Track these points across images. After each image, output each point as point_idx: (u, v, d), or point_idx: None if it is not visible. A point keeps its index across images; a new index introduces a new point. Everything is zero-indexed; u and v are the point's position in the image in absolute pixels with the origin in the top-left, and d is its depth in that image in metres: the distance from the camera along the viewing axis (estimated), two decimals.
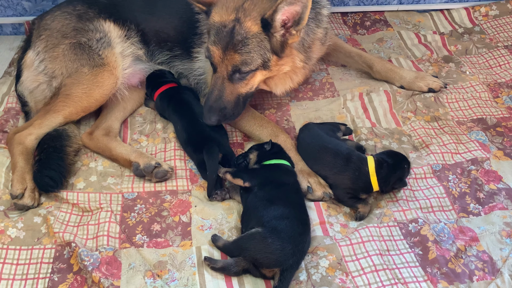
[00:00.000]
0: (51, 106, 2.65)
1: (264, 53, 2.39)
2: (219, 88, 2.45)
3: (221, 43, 2.37)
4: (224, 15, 2.38)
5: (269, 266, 1.99)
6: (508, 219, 2.26)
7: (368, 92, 2.99)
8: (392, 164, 2.32)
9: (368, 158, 2.34)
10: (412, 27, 3.61)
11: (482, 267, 2.08)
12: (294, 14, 2.31)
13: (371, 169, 2.30)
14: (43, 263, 2.12)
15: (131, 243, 2.20)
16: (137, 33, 2.88)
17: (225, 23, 2.37)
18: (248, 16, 2.34)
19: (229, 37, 2.35)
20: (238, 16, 2.35)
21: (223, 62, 2.40)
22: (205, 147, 2.41)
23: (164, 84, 2.83)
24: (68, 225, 2.26)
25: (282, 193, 2.21)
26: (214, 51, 2.40)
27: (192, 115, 2.60)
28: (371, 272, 2.06)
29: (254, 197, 2.21)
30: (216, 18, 2.41)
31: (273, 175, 2.30)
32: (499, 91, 3.00)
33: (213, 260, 2.07)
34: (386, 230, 2.23)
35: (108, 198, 2.39)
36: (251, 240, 2.03)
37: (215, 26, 2.40)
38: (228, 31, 2.35)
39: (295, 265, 2.02)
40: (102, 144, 2.61)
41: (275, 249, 1.98)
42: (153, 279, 2.05)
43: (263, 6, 2.35)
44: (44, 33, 2.78)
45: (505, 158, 2.56)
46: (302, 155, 2.51)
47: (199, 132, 2.53)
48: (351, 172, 2.32)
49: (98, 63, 2.69)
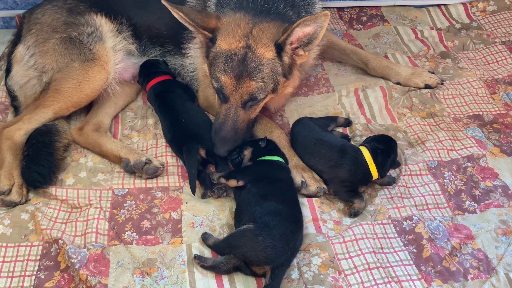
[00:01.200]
0: (41, 101, 2.61)
1: (276, 77, 2.33)
2: (233, 117, 2.34)
3: (234, 71, 2.27)
4: (232, 42, 2.29)
5: (260, 264, 1.95)
6: (504, 216, 2.22)
7: (364, 88, 2.95)
8: (385, 149, 2.31)
9: (361, 148, 2.32)
10: (409, 23, 3.57)
11: (477, 266, 2.04)
12: (302, 36, 2.26)
13: (367, 158, 2.27)
14: (30, 260, 2.08)
15: (120, 240, 2.15)
16: (129, 27, 2.84)
17: (235, 50, 2.27)
18: (259, 43, 2.27)
19: (243, 65, 2.26)
20: (249, 43, 2.27)
21: (237, 91, 2.31)
22: (184, 145, 2.38)
23: (157, 76, 2.78)
24: (56, 222, 2.22)
25: (275, 189, 2.18)
26: (226, 80, 2.30)
27: (175, 115, 2.55)
28: (364, 270, 2.02)
29: (247, 193, 2.18)
30: (223, 45, 2.31)
31: (267, 170, 2.27)
32: (496, 87, 2.96)
33: (203, 258, 2.04)
34: (380, 227, 2.19)
35: (98, 194, 2.35)
36: (242, 237, 2.00)
37: (223, 54, 2.30)
38: (240, 59, 2.26)
39: (286, 263, 1.98)
40: (92, 139, 2.57)
41: (266, 247, 1.95)
42: (142, 277, 2.01)
43: (271, 31, 2.30)
44: (34, 27, 2.74)
45: (501, 155, 2.53)
46: (297, 149, 2.47)
47: (181, 131, 2.49)
48: (348, 164, 2.29)
49: (89, 57, 2.64)
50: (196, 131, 2.45)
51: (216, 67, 2.33)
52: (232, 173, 2.28)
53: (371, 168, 2.27)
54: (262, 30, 2.30)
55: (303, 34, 2.25)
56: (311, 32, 2.24)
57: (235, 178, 2.23)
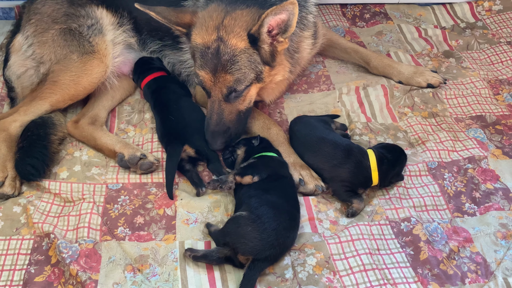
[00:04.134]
0: (37, 92, 2.58)
1: (256, 66, 2.27)
2: (217, 111, 2.32)
3: (209, 66, 2.24)
4: (205, 35, 2.24)
5: (244, 253, 1.92)
6: (504, 220, 2.17)
7: (365, 86, 2.90)
8: (392, 159, 2.26)
9: (368, 152, 2.27)
10: (412, 21, 3.51)
11: (475, 269, 2.00)
12: (280, 22, 2.19)
13: (372, 163, 2.23)
14: (21, 254, 2.05)
15: (112, 235, 2.12)
16: (129, 20, 2.81)
17: (208, 44, 2.23)
18: (231, 33, 2.21)
19: (216, 59, 2.22)
20: (220, 35, 2.22)
21: (216, 85, 2.28)
22: (168, 147, 2.35)
23: (151, 73, 2.75)
24: (49, 216, 2.19)
25: (279, 185, 2.15)
26: (203, 76, 2.28)
27: (166, 113, 2.51)
28: (360, 271, 1.98)
29: (249, 187, 2.15)
30: (197, 40, 2.27)
31: (273, 167, 2.24)
32: (499, 88, 2.91)
33: (194, 250, 2.02)
34: (377, 228, 2.15)
35: (92, 188, 2.32)
36: (234, 224, 1.98)
37: (198, 48, 2.27)
38: (214, 53, 2.22)
39: (272, 258, 1.96)
40: (87, 133, 2.54)
41: (254, 237, 1.92)
42: (133, 273, 1.98)
43: (244, 19, 2.23)
44: (34, 17, 2.71)
45: (503, 157, 2.48)
46: (298, 148, 2.43)
47: (168, 131, 2.45)
48: (351, 165, 2.24)
49: (88, 50, 2.61)
50: (183, 131, 2.41)
51: (195, 62, 2.31)
52: (245, 170, 2.21)
53: (373, 175, 2.23)
54: (234, 19, 2.23)
55: (277, 21, 2.19)
56: (285, 19, 2.18)
57: (250, 174, 2.17)
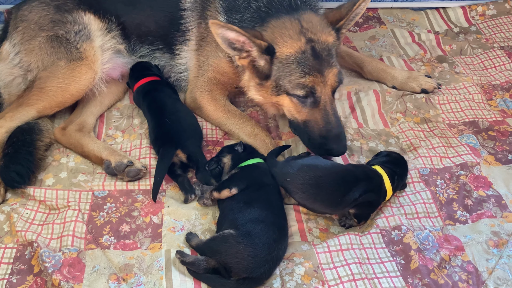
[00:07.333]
0: (24, 99, 2.55)
1: None
2: (333, 111, 2.29)
3: (315, 68, 2.22)
4: (293, 43, 2.25)
5: (239, 273, 1.87)
6: (496, 228, 2.14)
7: (357, 91, 2.87)
8: (401, 173, 2.23)
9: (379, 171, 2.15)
10: (406, 25, 3.48)
11: (467, 279, 1.96)
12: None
13: (387, 183, 2.15)
14: (3, 263, 2.01)
15: (97, 244, 2.08)
16: (117, 26, 2.77)
17: (302, 49, 2.24)
18: (318, 32, 2.28)
19: (318, 58, 2.24)
20: (308, 37, 2.26)
21: (326, 84, 2.26)
22: (161, 149, 2.31)
23: (145, 77, 2.72)
24: (33, 224, 2.15)
25: (262, 195, 2.10)
26: (313, 80, 2.23)
27: (162, 116, 2.47)
28: (349, 281, 1.94)
29: (231, 199, 2.11)
30: (287, 51, 2.25)
31: (254, 176, 2.18)
32: (493, 94, 2.88)
33: (184, 254, 1.97)
34: (367, 238, 2.10)
35: (77, 195, 2.28)
36: (223, 242, 1.93)
37: (292, 59, 2.24)
38: (312, 54, 2.24)
39: (266, 274, 1.92)
40: (74, 139, 2.50)
41: (247, 255, 1.87)
42: (117, 283, 1.94)
43: (315, 19, 2.35)
44: (21, 25, 2.68)
45: (496, 163, 2.44)
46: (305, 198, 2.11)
47: (164, 133, 2.41)
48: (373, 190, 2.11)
49: (75, 56, 2.58)
50: (177, 135, 2.37)
51: (291, 76, 2.25)
52: (223, 184, 2.18)
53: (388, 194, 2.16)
54: (308, 21, 2.31)
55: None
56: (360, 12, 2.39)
57: (227, 188, 2.12)
